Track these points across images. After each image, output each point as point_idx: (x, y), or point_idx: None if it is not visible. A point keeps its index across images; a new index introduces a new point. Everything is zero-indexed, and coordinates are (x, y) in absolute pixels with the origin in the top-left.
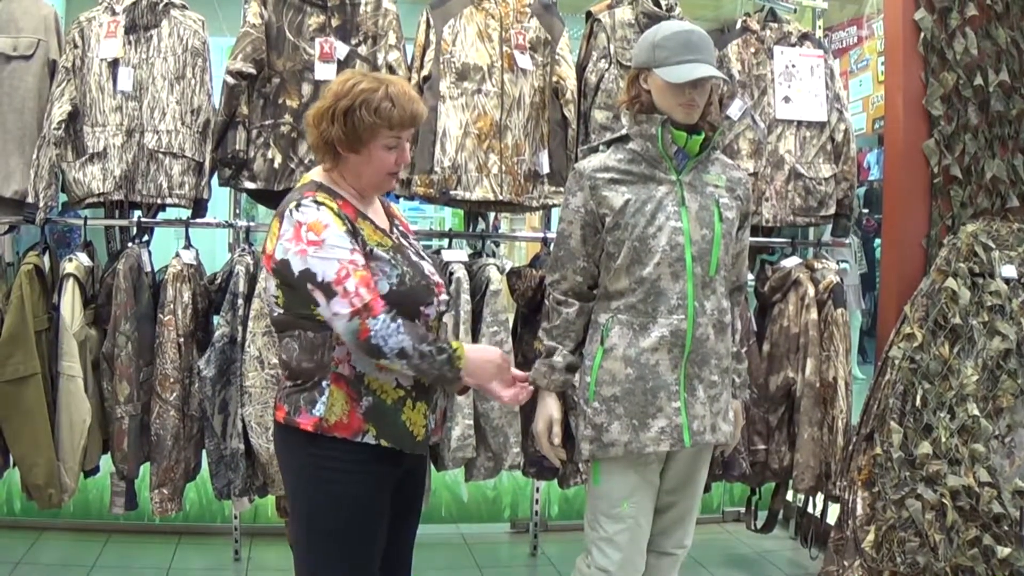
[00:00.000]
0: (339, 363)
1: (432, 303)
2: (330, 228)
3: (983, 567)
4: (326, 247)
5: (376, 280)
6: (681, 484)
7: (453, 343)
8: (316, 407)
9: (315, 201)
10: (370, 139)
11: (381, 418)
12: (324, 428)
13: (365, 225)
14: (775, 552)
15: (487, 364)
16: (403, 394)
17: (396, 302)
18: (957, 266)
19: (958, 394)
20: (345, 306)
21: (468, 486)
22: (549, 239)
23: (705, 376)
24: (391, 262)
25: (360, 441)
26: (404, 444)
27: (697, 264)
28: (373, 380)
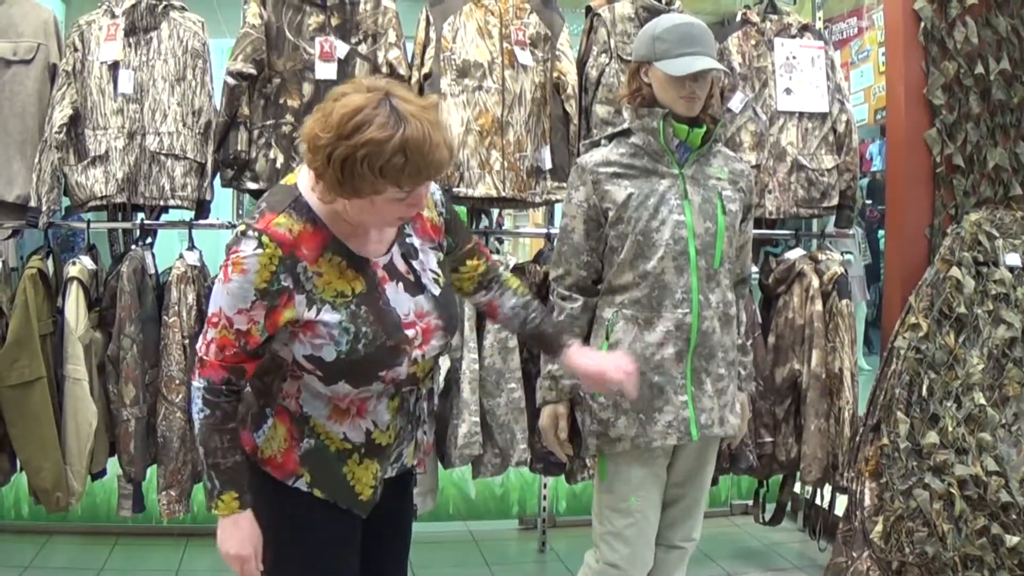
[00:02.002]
0: (287, 396)
1: (400, 364)
2: (244, 277)
3: (992, 556)
4: (227, 288)
5: (322, 345)
6: (689, 477)
7: (232, 495)
8: (257, 432)
9: (260, 240)
10: (372, 194)
11: (319, 465)
12: (258, 459)
13: (328, 266)
14: (783, 544)
15: (228, 544)
16: (350, 447)
17: (346, 371)
18: (961, 255)
19: (964, 383)
20: (198, 343)
21: (476, 483)
22: (553, 235)
23: (712, 369)
24: (345, 325)
25: (291, 485)
26: (340, 499)
27: (701, 257)
28: (319, 425)
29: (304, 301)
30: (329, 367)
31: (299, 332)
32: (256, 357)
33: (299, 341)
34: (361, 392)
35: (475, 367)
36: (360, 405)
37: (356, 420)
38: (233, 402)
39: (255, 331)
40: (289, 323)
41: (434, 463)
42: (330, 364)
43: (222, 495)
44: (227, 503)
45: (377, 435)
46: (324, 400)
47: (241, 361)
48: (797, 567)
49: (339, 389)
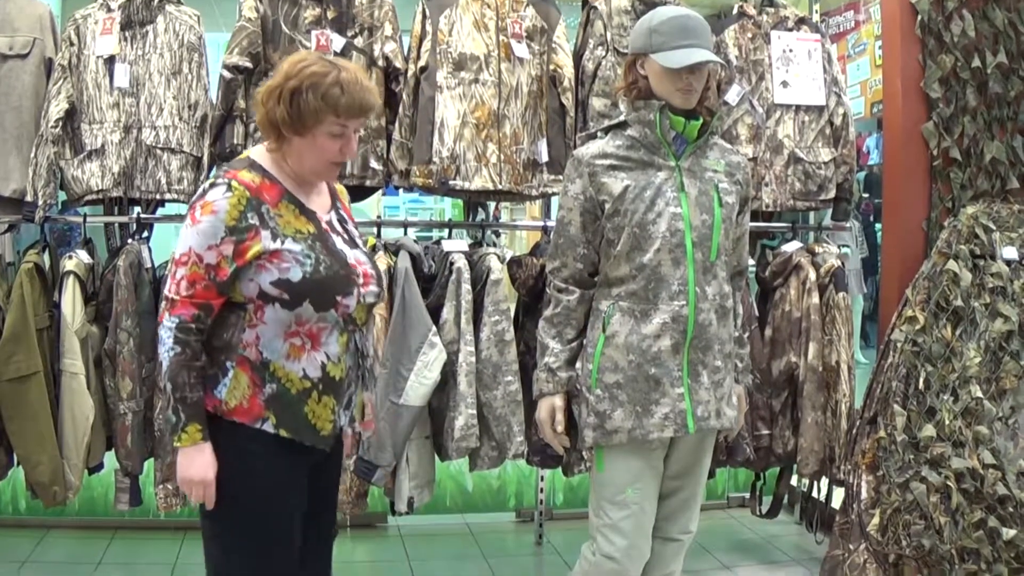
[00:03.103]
0: (247, 346)
1: (352, 293)
2: (214, 216)
3: (988, 549)
4: (196, 229)
5: (289, 268)
6: (685, 470)
7: (196, 427)
8: (218, 388)
9: (229, 184)
10: (315, 124)
11: (283, 407)
12: (224, 411)
13: (286, 209)
14: (780, 537)
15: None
16: (309, 386)
17: (309, 290)
18: (958, 248)
19: (961, 376)
20: (167, 286)
21: (472, 476)
22: (549, 228)
23: (708, 361)
24: (306, 252)
25: (258, 428)
26: (304, 436)
27: (697, 249)
28: (279, 368)
29: (269, 236)
30: (296, 288)
31: (266, 262)
32: (222, 294)
33: (266, 270)
34: (319, 320)
35: (472, 360)
36: (316, 335)
37: (312, 354)
38: (200, 342)
39: (224, 264)
40: (256, 256)
41: (431, 455)
42: (297, 284)
43: (187, 427)
44: (191, 434)
45: (331, 367)
46: (282, 337)
47: (209, 297)
48: (794, 560)
49: (303, 313)
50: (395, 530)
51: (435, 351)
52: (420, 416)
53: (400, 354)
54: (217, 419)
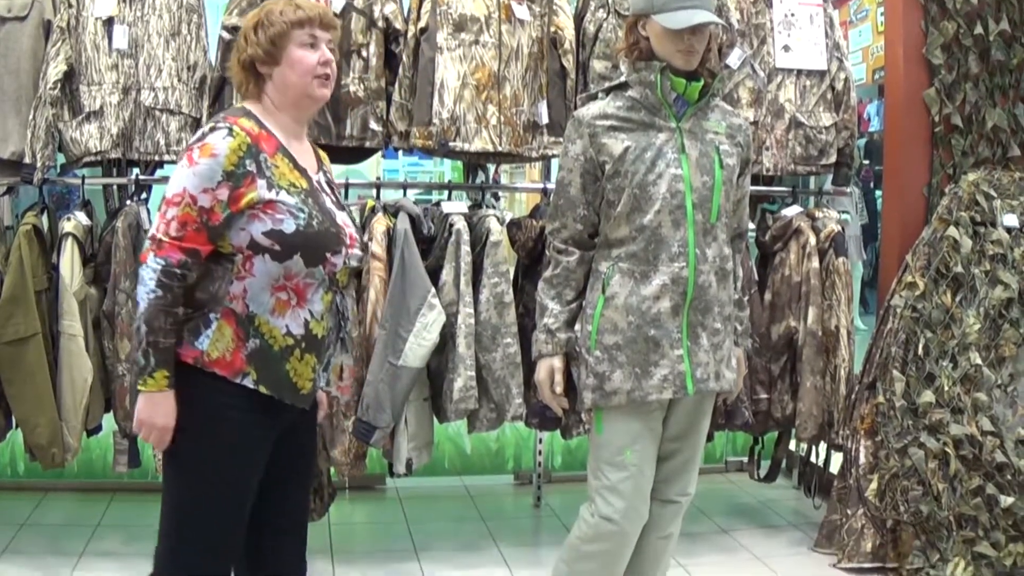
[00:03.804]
0: (233, 299)
1: (340, 252)
2: (213, 159)
3: (986, 516)
4: (193, 170)
5: (283, 220)
6: (684, 432)
7: (164, 373)
8: (200, 339)
9: (230, 129)
10: (284, 42)
11: (264, 363)
12: (204, 362)
13: (282, 162)
14: (778, 501)
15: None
16: (292, 343)
17: (301, 243)
18: (959, 215)
19: (960, 343)
20: (155, 225)
21: (471, 438)
22: (549, 190)
23: (708, 324)
24: (299, 206)
25: (238, 383)
26: (284, 394)
27: (698, 211)
28: (263, 323)
29: (265, 185)
30: (288, 239)
31: (259, 212)
32: (211, 240)
33: (259, 220)
34: (307, 276)
35: (471, 322)
36: (302, 291)
37: (296, 310)
38: (182, 288)
39: (218, 208)
40: (251, 204)
41: (429, 417)
42: (289, 236)
43: (155, 372)
44: (158, 380)
45: (314, 325)
46: (270, 291)
47: (199, 242)
48: (792, 524)
49: (293, 266)
50: (393, 492)
51: (434, 313)
52: (419, 378)
53: (399, 315)
54: (196, 370)
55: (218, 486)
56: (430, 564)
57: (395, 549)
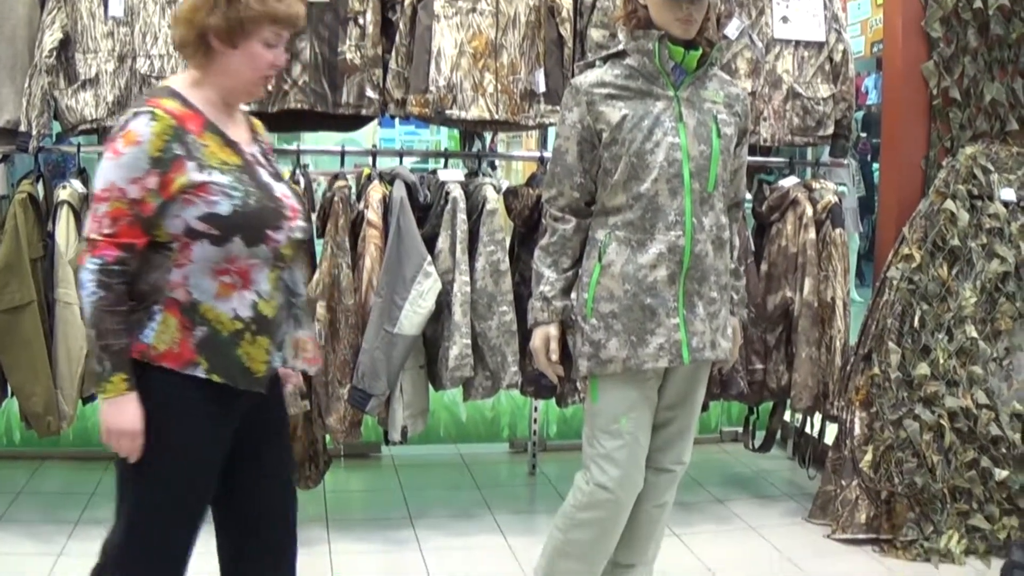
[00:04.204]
0: (174, 288)
1: (281, 227)
2: (137, 147)
3: (980, 489)
4: (118, 161)
5: (217, 202)
6: (679, 400)
7: (122, 377)
8: (144, 332)
9: (152, 113)
10: (253, 31)
11: (214, 351)
12: (151, 356)
13: (211, 140)
14: (773, 472)
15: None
16: (241, 326)
17: (240, 225)
18: (956, 188)
19: (956, 316)
20: (87, 225)
21: (466, 406)
22: (546, 158)
23: (704, 292)
24: (234, 184)
25: (188, 375)
26: (238, 380)
27: (695, 180)
28: (208, 310)
29: (195, 166)
30: (225, 222)
31: (192, 196)
32: (147, 232)
33: (192, 204)
34: (250, 256)
35: (467, 290)
36: (246, 272)
37: (243, 293)
38: (125, 284)
39: (149, 198)
40: (182, 189)
41: (425, 385)
42: (226, 218)
43: (112, 377)
44: (116, 384)
45: (263, 306)
46: (212, 276)
47: (134, 236)
48: (786, 494)
49: (233, 249)
50: (389, 460)
51: (430, 280)
52: (414, 345)
53: (395, 283)
54: (143, 365)
55: (173, 485)
56: (425, 531)
57: (390, 517)
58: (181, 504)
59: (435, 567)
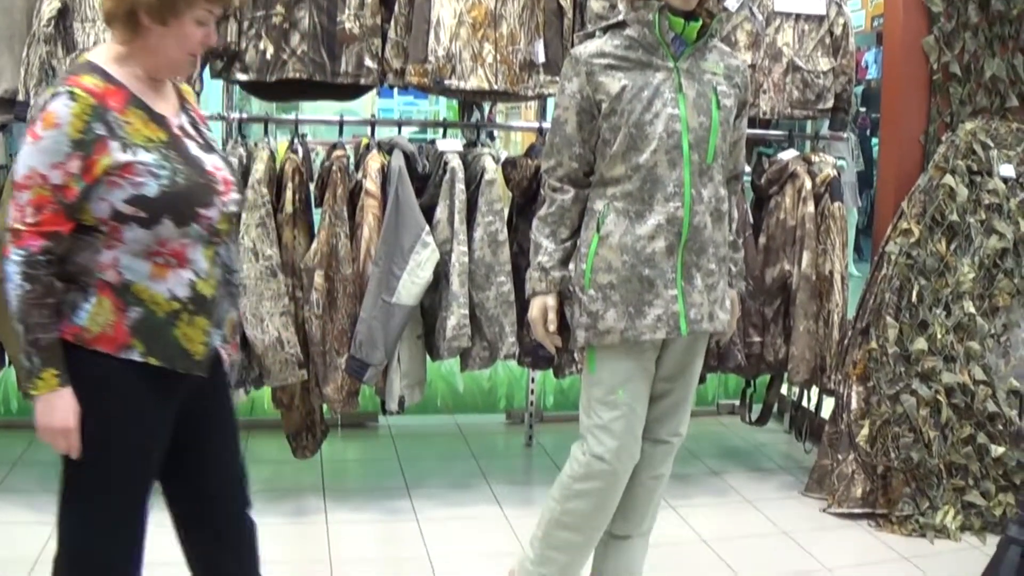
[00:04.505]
0: (104, 269)
1: (213, 203)
2: (57, 130)
3: (977, 465)
4: (38, 146)
5: (143, 183)
6: (677, 372)
7: (52, 372)
8: (78, 314)
9: (71, 93)
10: (185, 9)
11: (150, 333)
12: (85, 339)
13: (134, 116)
14: (769, 445)
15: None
16: (178, 307)
17: (168, 206)
18: (955, 163)
19: (954, 291)
20: (10, 214)
21: (464, 376)
22: (545, 129)
23: (703, 264)
24: (160, 162)
25: (124, 358)
26: (176, 363)
27: (694, 151)
28: (143, 290)
29: (119, 147)
30: (153, 204)
31: (117, 178)
32: (71, 218)
33: (118, 187)
34: (182, 236)
35: (464, 260)
36: (180, 253)
37: (178, 272)
38: (52, 275)
39: (72, 183)
40: (106, 171)
41: (422, 355)
42: (154, 200)
43: (42, 373)
44: (47, 380)
45: (200, 285)
46: (143, 256)
47: (58, 224)
48: (782, 468)
49: (163, 231)
50: (386, 430)
51: (428, 250)
52: (412, 315)
53: (393, 253)
54: (76, 348)
55: (115, 470)
56: (421, 501)
57: (387, 486)
58: (125, 489)
59: (431, 537)
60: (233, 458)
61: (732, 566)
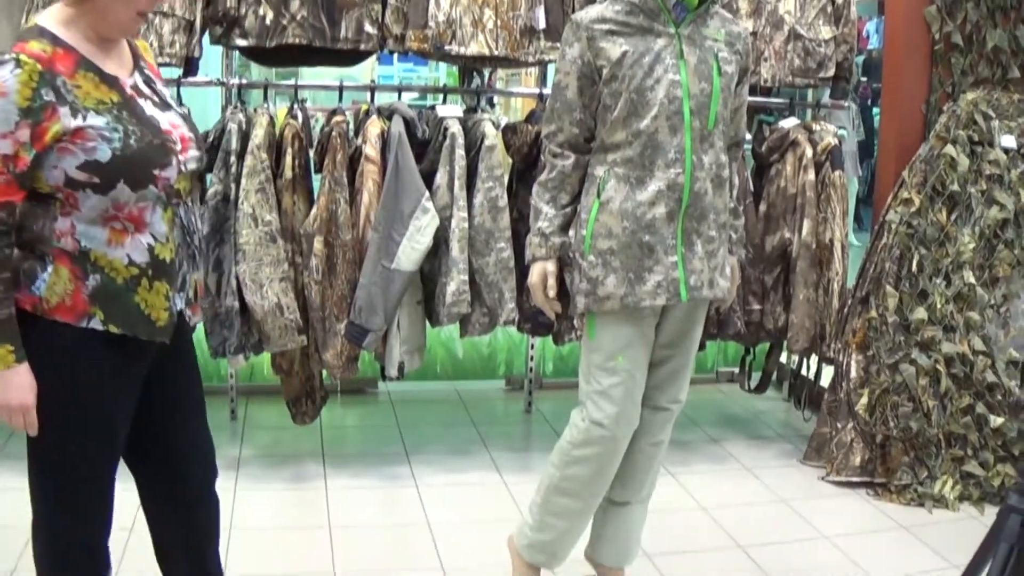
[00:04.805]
0: (61, 236)
1: (170, 163)
2: (5, 99)
3: (975, 435)
4: None
5: (95, 148)
6: (677, 339)
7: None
8: (36, 284)
9: (17, 60)
10: None
11: (110, 300)
12: (44, 310)
13: (84, 79)
14: (768, 413)
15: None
16: (137, 272)
17: (121, 170)
18: (956, 133)
19: (955, 261)
20: None
21: (463, 343)
22: (545, 95)
23: (703, 231)
24: (112, 125)
25: (84, 327)
26: (138, 330)
27: (695, 118)
28: (100, 256)
29: (68, 112)
30: (106, 169)
31: (68, 144)
32: (24, 187)
33: (70, 153)
34: (139, 199)
35: (464, 226)
36: (138, 217)
37: (136, 237)
38: (6, 247)
39: (23, 151)
40: (57, 137)
41: (422, 321)
42: (107, 165)
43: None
44: (3, 357)
45: (159, 249)
46: (101, 223)
47: (10, 194)
48: (781, 436)
49: (119, 196)
50: (385, 396)
51: (428, 216)
52: (412, 281)
53: (393, 219)
54: (36, 319)
55: (81, 441)
56: (421, 467)
57: (386, 452)
58: (90, 458)
59: (431, 503)
60: (198, 428)
61: (730, 533)
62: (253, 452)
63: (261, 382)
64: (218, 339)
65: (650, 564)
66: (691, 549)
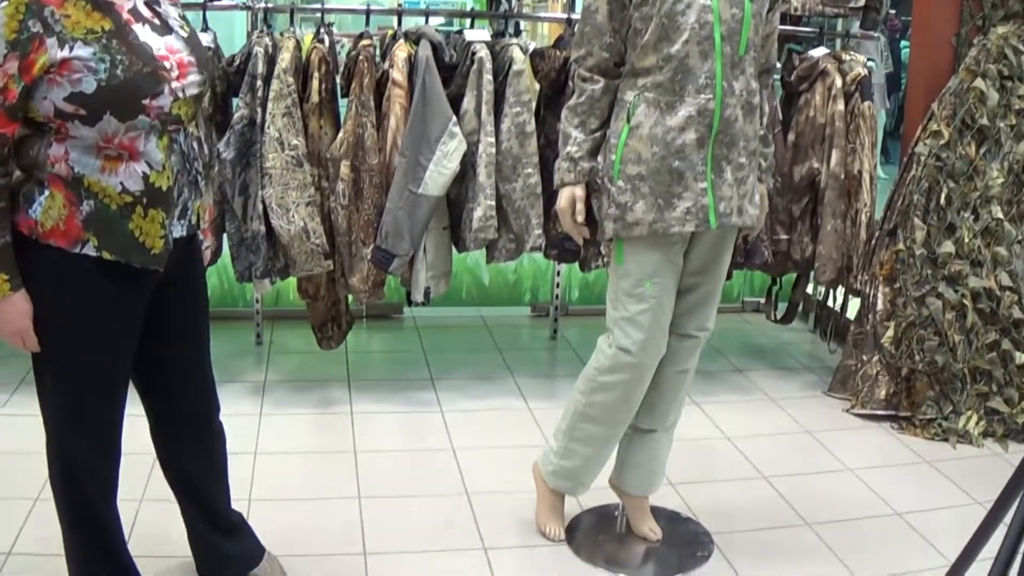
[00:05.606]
0: (55, 162)
1: (162, 92)
2: None
3: (1000, 371)
4: None
5: (81, 79)
6: (705, 266)
7: (3, 277)
8: (33, 207)
9: None
10: None
11: (103, 226)
12: (39, 234)
13: (75, 9)
14: (794, 344)
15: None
16: (131, 200)
17: (107, 101)
18: (986, 67)
19: (983, 195)
20: None
21: (489, 269)
22: (574, 21)
23: (733, 158)
24: (100, 55)
25: (78, 253)
26: (132, 257)
27: (726, 43)
28: (94, 183)
29: (55, 43)
30: (92, 100)
31: (55, 76)
32: (15, 119)
33: (57, 85)
34: (128, 129)
35: (491, 151)
36: (130, 146)
37: (130, 165)
38: (2, 178)
39: (12, 84)
40: (44, 69)
41: (448, 247)
42: (93, 96)
43: None
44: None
45: (155, 177)
46: (94, 151)
47: (2, 126)
48: (806, 367)
49: (107, 127)
50: (411, 321)
51: (455, 141)
52: (438, 206)
53: (419, 143)
54: (32, 243)
55: (81, 365)
56: (446, 393)
57: (411, 378)
58: (93, 378)
59: (456, 429)
60: (195, 357)
61: (754, 463)
62: (278, 377)
63: (287, 307)
64: (244, 263)
65: (674, 492)
66: (715, 479)
